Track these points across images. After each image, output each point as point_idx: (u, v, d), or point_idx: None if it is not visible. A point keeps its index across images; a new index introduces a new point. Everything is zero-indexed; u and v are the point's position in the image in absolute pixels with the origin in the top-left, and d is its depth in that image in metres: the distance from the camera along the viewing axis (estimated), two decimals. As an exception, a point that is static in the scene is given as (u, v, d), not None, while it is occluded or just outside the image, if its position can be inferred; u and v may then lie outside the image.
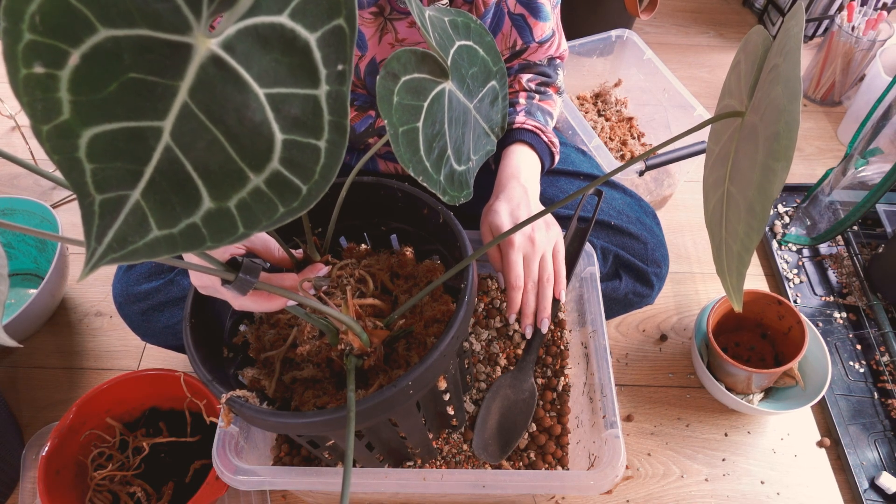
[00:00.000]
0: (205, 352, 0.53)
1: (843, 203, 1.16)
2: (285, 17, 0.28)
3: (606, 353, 0.66)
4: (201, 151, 0.29)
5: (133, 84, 0.26)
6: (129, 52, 0.25)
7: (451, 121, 0.46)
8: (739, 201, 0.31)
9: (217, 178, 0.29)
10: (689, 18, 1.73)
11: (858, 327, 1.03)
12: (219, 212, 0.30)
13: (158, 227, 0.29)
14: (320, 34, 0.28)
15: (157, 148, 0.28)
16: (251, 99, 0.28)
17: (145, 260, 0.29)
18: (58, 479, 0.76)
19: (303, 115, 0.29)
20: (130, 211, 0.29)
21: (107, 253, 0.29)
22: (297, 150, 0.30)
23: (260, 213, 0.30)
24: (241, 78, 0.28)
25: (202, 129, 0.28)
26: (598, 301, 0.70)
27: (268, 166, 0.30)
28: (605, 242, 0.81)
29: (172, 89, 0.27)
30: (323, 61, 0.29)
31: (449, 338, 0.48)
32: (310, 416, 0.47)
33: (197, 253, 0.36)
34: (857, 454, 0.89)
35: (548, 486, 0.59)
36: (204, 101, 0.28)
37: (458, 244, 0.56)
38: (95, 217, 0.28)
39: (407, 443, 0.63)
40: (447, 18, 0.47)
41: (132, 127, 0.27)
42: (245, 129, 0.29)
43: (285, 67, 0.28)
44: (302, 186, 0.30)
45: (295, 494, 0.86)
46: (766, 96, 0.31)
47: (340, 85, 0.29)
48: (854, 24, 1.32)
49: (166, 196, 0.29)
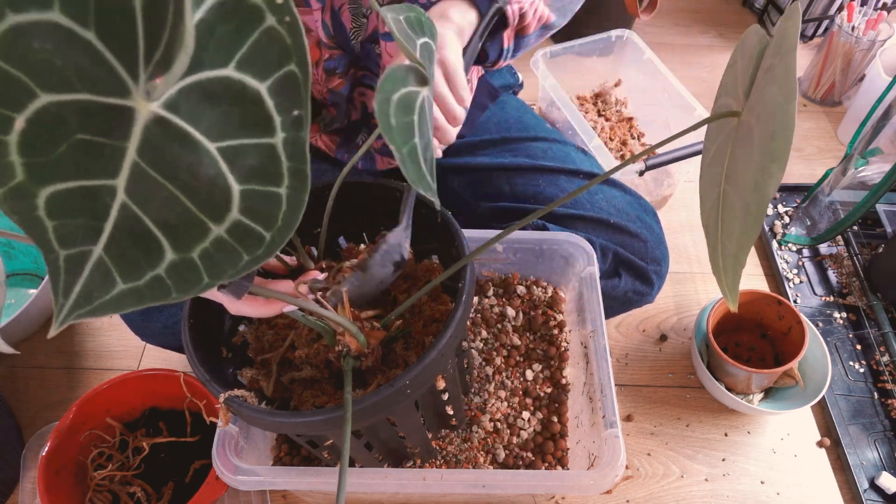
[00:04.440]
0: (204, 352, 0.53)
1: (843, 203, 1.16)
2: (231, 70, 0.27)
3: (606, 352, 0.66)
4: (158, 206, 0.28)
5: (81, 145, 0.26)
6: (72, 115, 0.25)
7: (427, 124, 0.45)
8: (735, 201, 0.31)
9: (178, 230, 0.29)
10: (689, 18, 1.73)
11: (858, 327, 1.03)
12: (182, 263, 0.29)
13: (123, 281, 0.29)
14: (271, 82, 0.27)
15: (114, 205, 0.28)
16: (202, 154, 0.28)
17: (113, 312, 0.29)
18: (58, 478, 0.76)
19: (259, 164, 0.29)
20: (94, 265, 0.29)
21: (74, 308, 0.29)
22: (257, 199, 0.29)
23: (224, 262, 0.30)
24: (189, 135, 0.27)
25: (156, 186, 0.28)
26: (598, 301, 0.70)
27: (228, 216, 0.29)
28: (605, 240, 0.81)
29: (120, 150, 0.27)
30: (276, 109, 0.28)
31: (446, 337, 0.48)
32: (308, 415, 0.47)
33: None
34: (857, 454, 0.89)
35: (548, 485, 0.59)
36: (153, 159, 0.27)
37: (455, 244, 0.56)
38: (61, 272, 0.28)
39: (406, 442, 0.63)
40: (402, 16, 0.46)
41: (87, 185, 0.27)
42: (200, 183, 0.28)
43: (236, 119, 0.28)
44: (265, 234, 0.30)
45: (295, 494, 0.86)
46: (763, 96, 0.31)
47: (298, 131, 0.28)
48: (854, 24, 1.32)
49: (128, 250, 0.29)
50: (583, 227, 0.81)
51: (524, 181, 0.85)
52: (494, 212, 0.85)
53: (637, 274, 0.82)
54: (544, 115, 1.31)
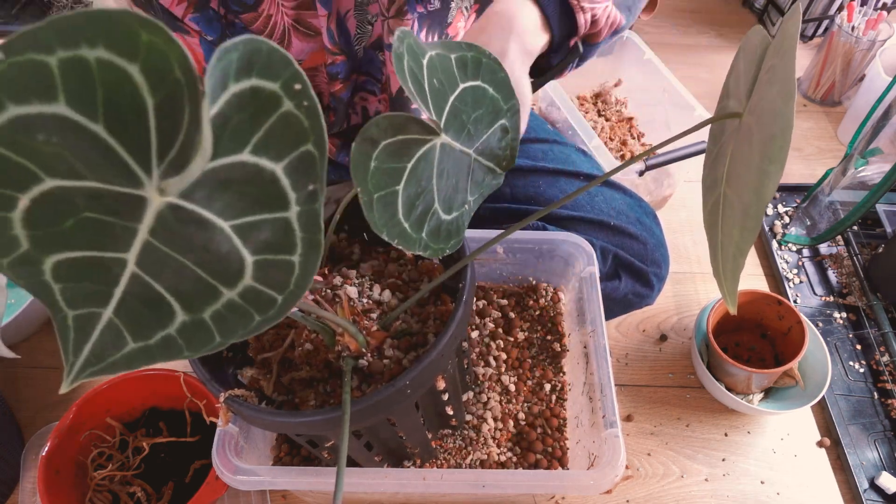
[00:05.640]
0: (204, 352, 0.53)
1: (842, 203, 1.16)
2: (247, 155, 0.27)
3: (606, 352, 0.66)
4: (170, 276, 0.28)
5: (90, 222, 0.25)
6: (80, 197, 0.25)
7: (441, 173, 0.43)
8: (735, 203, 0.31)
9: (189, 295, 0.29)
10: (689, 18, 1.73)
11: (858, 327, 1.03)
12: (193, 323, 0.29)
13: (134, 341, 0.29)
14: (287, 162, 0.27)
15: (124, 274, 0.28)
16: (216, 233, 0.27)
17: (124, 371, 0.29)
18: (58, 478, 0.76)
19: (273, 237, 0.28)
20: (105, 327, 0.29)
21: (85, 367, 0.29)
22: (270, 267, 0.29)
23: (235, 323, 0.30)
24: (203, 218, 0.27)
25: (168, 259, 0.28)
26: (598, 301, 0.70)
27: (240, 283, 0.29)
28: (605, 242, 0.81)
29: (131, 230, 0.26)
30: (292, 186, 0.28)
31: (447, 337, 0.48)
32: (308, 415, 0.47)
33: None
34: (857, 454, 0.89)
35: (548, 485, 0.59)
36: (166, 239, 0.27)
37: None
38: (70, 331, 0.28)
39: (406, 443, 0.63)
40: (454, 56, 0.44)
41: (95, 257, 0.27)
42: (213, 257, 0.28)
43: (250, 198, 0.27)
44: (277, 297, 0.30)
45: (295, 494, 0.86)
46: (763, 97, 0.31)
47: (312, 203, 0.28)
48: (854, 24, 1.32)
49: (139, 312, 0.29)
50: (583, 229, 0.81)
51: (524, 182, 0.85)
52: (494, 213, 0.86)
53: (637, 276, 0.82)
54: (544, 114, 1.31)
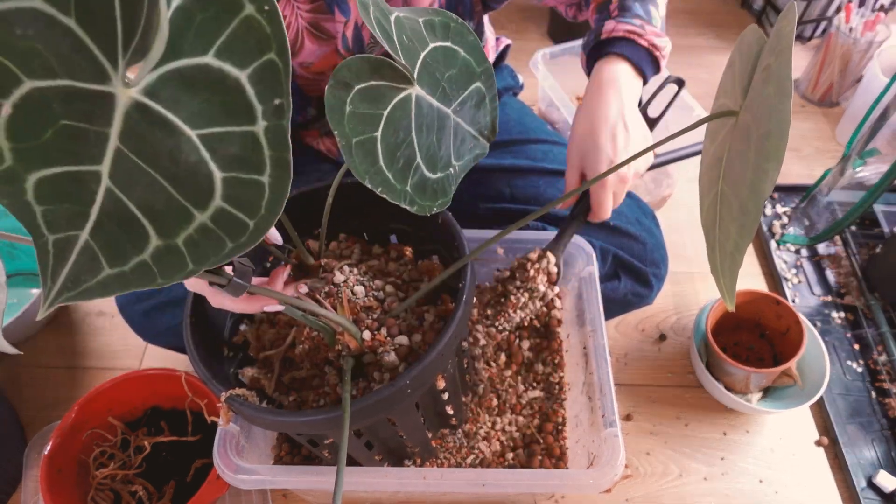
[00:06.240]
0: (205, 351, 0.53)
1: (840, 203, 1.16)
2: (210, 58, 0.27)
3: (605, 352, 0.66)
4: (142, 192, 0.29)
5: (66, 130, 0.26)
6: (56, 101, 0.26)
7: (420, 127, 0.44)
8: (733, 201, 0.32)
9: (162, 216, 0.29)
10: (688, 19, 1.73)
11: (856, 327, 1.04)
12: (167, 249, 0.30)
13: (109, 266, 0.30)
14: (251, 70, 0.28)
15: (99, 191, 0.28)
16: (183, 141, 0.28)
17: (99, 297, 0.30)
18: (60, 477, 0.77)
19: (241, 152, 0.29)
20: (81, 250, 0.29)
21: (62, 292, 0.29)
22: (240, 187, 0.30)
23: (208, 248, 0.30)
24: (170, 122, 0.28)
25: (139, 172, 0.28)
26: (598, 301, 0.71)
27: (211, 204, 0.30)
28: (604, 243, 0.81)
29: (103, 135, 0.27)
30: (257, 97, 0.28)
31: (447, 337, 0.48)
32: (308, 414, 0.47)
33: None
34: (855, 453, 0.90)
35: (547, 484, 0.60)
36: (135, 145, 0.28)
37: (456, 244, 0.56)
38: (50, 256, 0.29)
39: (406, 442, 0.63)
40: (422, 19, 0.46)
41: (73, 171, 0.28)
42: (182, 170, 0.29)
43: (217, 107, 0.28)
44: (248, 221, 0.30)
45: (296, 493, 0.86)
46: (759, 95, 0.31)
47: (279, 119, 0.29)
48: (852, 25, 1.32)
49: (114, 235, 0.29)
50: (582, 230, 0.81)
51: (524, 183, 0.86)
52: (494, 213, 0.86)
53: (636, 276, 0.83)
54: (544, 115, 1.32)
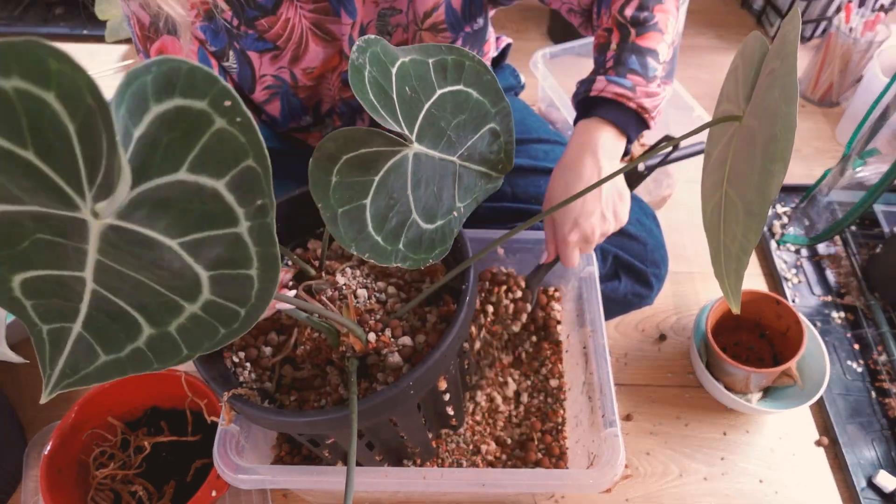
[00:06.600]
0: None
1: (840, 203, 1.16)
2: (184, 173, 0.26)
3: (605, 352, 0.66)
4: (130, 291, 0.29)
5: (43, 243, 0.26)
6: (28, 220, 0.25)
7: (417, 184, 0.43)
8: (737, 203, 0.32)
9: (152, 309, 0.29)
10: (688, 20, 1.73)
11: (856, 327, 1.04)
12: (161, 336, 0.30)
13: (105, 353, 0.30)
14: (228, 179, 0.27)
15: (85, 291, 0.28)
16: (164, 251, 0.28)
17: (98, 382, 0.30)
18: (60, 477, 0.77)
19: (226, 252, 0.28)
20: (76, 340, 0.30)
21: (61, 379, 0.30)
22: (228, 282, 0.29)
23: (201, 336, 0.30)
24: (148, 237, 0.27)
25: (124, 277, 0.28)
26: (598, 301, 0.71)
27: (200, 297, 0.29)
28: (605, 243, 0.81)
29: (81, 250, 0.27)
30: (238, 201, 0.27)
31: (450, 339, 0.48)
32: (311, 415, 0.47)
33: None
34: (855, 453, 0.90)
35: (547, 484, 0.60)
36: (116, 257, 0.27)
37: (458, 246, 0.56)
38: (46, 345, 0.29)
39: (406, 442, 0.63)
40: (432, 59, 0.43)
41: (56, 275, 0.27)
42: (167, 273, 0.28)
43: (195, 215, 0.27)
44: (240, 310, 0.30)
45: (296, 493, 0.86)
46: (764, 100, 0.31)
47: (263, 217, 0.28)
48: (852, 25, 1.32)
49: (107, 326, 0.30)
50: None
51: (525, 182, 0.86)
52: (495, 212, 0.86)
53: (636, 277, 0.83)
54: (544, 115, 1.32)
